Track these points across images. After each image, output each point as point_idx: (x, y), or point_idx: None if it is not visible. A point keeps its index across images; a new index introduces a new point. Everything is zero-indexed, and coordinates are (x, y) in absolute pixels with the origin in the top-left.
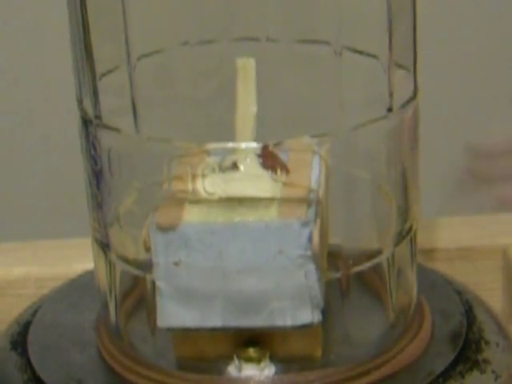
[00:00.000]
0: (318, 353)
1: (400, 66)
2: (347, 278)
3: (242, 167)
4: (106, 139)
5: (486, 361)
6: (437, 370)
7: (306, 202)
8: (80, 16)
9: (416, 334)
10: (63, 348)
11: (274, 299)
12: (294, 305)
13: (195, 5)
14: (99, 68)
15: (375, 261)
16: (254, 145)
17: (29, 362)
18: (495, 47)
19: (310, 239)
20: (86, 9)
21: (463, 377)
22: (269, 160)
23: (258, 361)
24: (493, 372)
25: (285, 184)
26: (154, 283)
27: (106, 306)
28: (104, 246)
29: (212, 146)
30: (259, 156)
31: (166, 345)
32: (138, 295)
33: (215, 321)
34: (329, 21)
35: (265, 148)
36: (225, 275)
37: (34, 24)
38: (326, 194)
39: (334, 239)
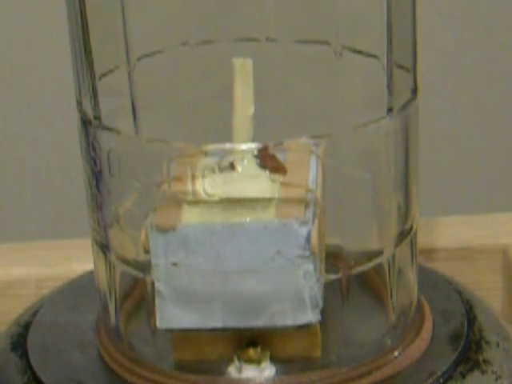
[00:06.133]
0: (317, 353)
1: (400, 66)
2: (348, 279)
3: (239, 168)
4: (105, 140)
5: (486, 361)
6: (438, 371)
7: (304, 202)
8: (79, 16)
9: (417, 335)
10: (63, 349)
11: (273, 300)
12: (292, 305)
13: (195, 5)
14: (99, 68)
15: (376, 261)
16: (252, 146)
17: (29, 363)
18: (496, 47)
19: (308, 239)
20: (85, 9)
21: (464, 377)
22: (267, 161)
23: (259, 362)
24: (493, 372)
25: (283, 184)
26: (153, 284)
27: (105, 307)
28: (104, 247)
29: (211, 146)
30: (257, 156)
31: (166, 346)
32: (138, 296)
33: (215, 322)
34: (329, 21)
35: (264, 149)
36: (223, 276)
37: (33, 24)
38: (323, 194)
39: (334, 239)
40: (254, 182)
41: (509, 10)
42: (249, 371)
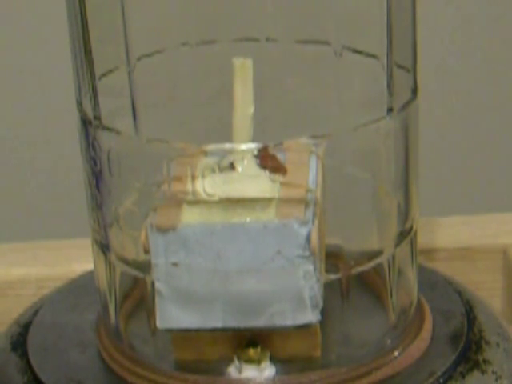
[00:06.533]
0: (317, 353)
1: (400, 66)
2: (348, 279)
3: (239, 168)
4: (105, 140)
5: (486, 361)
6: (438, 371)
7: (304, 202)
8: (79, 16)
9: (417, 335)
10: (63, 349)
11: (273, 300)
12: (292, 305)
13: (195, 5)
14: (99, 68)
15: (376, 261)
16: (252, 146)
17: (29, 363)
18: (497, 46)
19: (308, 239)
20: (85, 9)
21: (464, 377)
22: (267, 161)
23: (259, 362)
24: (493, 372)
25: (283, 184)
26: (153, 284)
27: (105, 306)
28: (104, 247)
29: (211, 146)
30: (257, 156)
31: (166, 346)
32: (138, 296)
33: (215, 322)
34: (329, 21)
35: (264, 149)
36: (224, 276)
37: (33, 24)
38: (323, 194)
39: (334, 239)
40: (253, 182)
41: (509, 10)
42: (249, 371)
